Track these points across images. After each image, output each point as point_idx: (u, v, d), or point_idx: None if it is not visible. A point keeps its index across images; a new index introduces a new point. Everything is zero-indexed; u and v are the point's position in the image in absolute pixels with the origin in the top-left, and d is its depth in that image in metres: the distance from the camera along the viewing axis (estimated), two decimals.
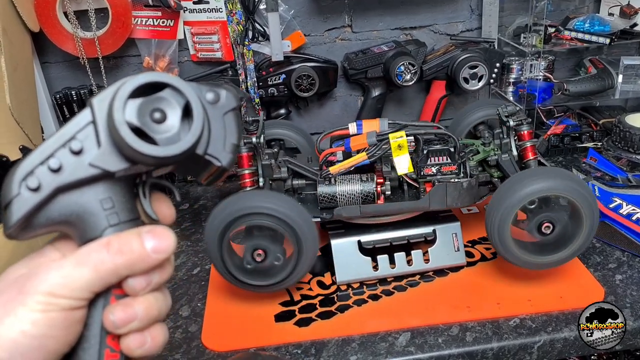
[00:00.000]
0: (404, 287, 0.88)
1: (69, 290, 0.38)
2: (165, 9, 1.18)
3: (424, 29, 1.34)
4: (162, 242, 0.40)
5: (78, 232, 0.40)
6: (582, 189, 0.77)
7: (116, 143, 0.39)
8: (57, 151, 0.38)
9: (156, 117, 0.39)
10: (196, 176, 0.45)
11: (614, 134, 1.18)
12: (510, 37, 1.31)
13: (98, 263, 0.38)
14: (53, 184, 0.38)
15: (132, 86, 0.38)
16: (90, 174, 0.39)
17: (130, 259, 0.39)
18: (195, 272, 0.97)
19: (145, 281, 0.40)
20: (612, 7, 1.31)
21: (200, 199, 1.23)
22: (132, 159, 0.39)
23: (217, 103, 0.42)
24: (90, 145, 0.39)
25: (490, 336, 0.78)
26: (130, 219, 0.41)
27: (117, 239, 0.39)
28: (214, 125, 0.41)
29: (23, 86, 1.08)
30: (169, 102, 0.39)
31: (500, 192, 0.79)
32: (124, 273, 0.39)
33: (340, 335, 0.80)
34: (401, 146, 0.86)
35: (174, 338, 0.82)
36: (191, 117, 0.39)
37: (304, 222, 0.79)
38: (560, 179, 0.77)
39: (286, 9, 1.25)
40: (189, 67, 1.29)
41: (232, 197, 0.80)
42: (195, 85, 0.40)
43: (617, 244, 0.94)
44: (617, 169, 1.09)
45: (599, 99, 1.28)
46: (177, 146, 0.39)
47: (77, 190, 0.39)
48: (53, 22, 1.15)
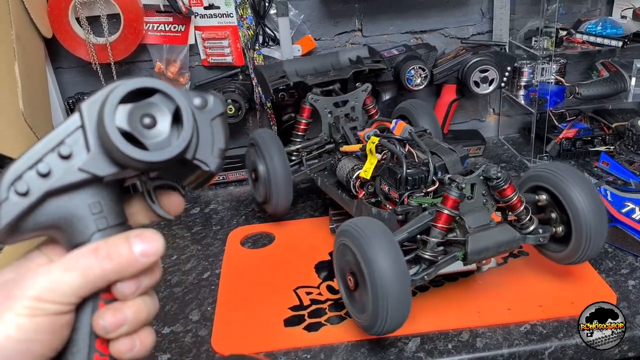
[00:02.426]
0: (414, 292, 0.88)
1: (57, 295, 0.38)
2: (176, 15, 1.19)
3: (435, 32, 1.34)
4: (150, 246, 0.40)
5: (66, 236, 0.41)
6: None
7: (106, 148, 0.39)
8: (46, 156, 0.38)
9: (146, 122, 0.39)
10: (182, 180, 0.45)
11: (627, 137, 1.17)
12: (521, 41, 1.30)
13: (86, 268, 0.38)
14: (42, 189, 0.38)
15: (123, 92, 0.38)
16: (80, 178, 0.39)
17: (118, 263, 0.39)
18: (205, 277, 0.98)
19: (135, 285, 0.40)
20: (625, 10, 1.29)
21: (211, 202, 1.24)
22: (122, 163, 0.39)
23: (205, 108, 0.42)
24: (79, 149, 0.39)
25: (500, 342, 0.77)
26: (119, 222, 0.42)
27: (105, 244, 0.39)
28: (202, 131, 0.42)
29: (36, 92, 1.09)
30: (159, 107, 0.39)
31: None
32: (113, 278, 0.40)
33: (349, 340, 0.80)
34: (371, 151, 0.89)
35: (183, 342, 0.83)
36: (181, 123, 0.40)
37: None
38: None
39: (296, 13, 1.25)
40: (200, 72, 1.30)
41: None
42: (183, 90, 0.41)
43: (629, 249, 0.93)
44: (629, 173, 1.08)
45: (612, 102, 1.27)
46: (167, 151, 0.39)
47: (66, 195, 0.39)
48: (66, 28, 1.16)
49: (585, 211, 0.77)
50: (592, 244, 0.78)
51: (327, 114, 1.12)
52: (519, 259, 0.93)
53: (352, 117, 1.13)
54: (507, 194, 0.78)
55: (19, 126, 0.99)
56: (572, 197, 0.77)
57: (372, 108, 1.18)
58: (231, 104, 1.21)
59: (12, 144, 0.99)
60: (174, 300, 0.92)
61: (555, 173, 0.80)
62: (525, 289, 0.86)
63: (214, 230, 1.12)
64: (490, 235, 0.77)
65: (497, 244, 0.77)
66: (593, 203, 0.77)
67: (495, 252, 0.78)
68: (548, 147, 1.26)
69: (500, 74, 1.21)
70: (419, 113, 1.10)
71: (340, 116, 1.13)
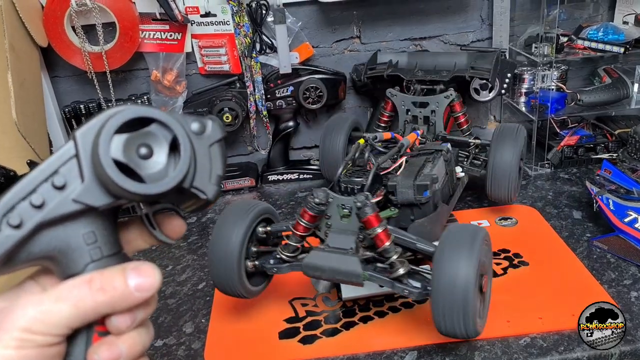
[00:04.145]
0: (411, 304, 0.86)
1: (46, 327, 0.37)
2: (172, 23, 1.19)
3: (434, 39, 1.33)
4: (146, 280, 0.39)
5: (60, 267, 0.39)
6: None
7: (100, 178, 0.38)
8: (39, 186, 0.37)
9: (142, 152, 0.38)
10: (179, 205, 0.44)
11: (630, 144, 1.15)
12: (521, 47, 1.29)
13: (78, 300, 0.37)
14: (35, 221, 0.37)
15: (119, 122, 0.37)
16: (74, 209, 0.38)
17: (112, 296, 0.38)
18: (200, 287, 0.96)
19: (130, 319, 0.39)
20: (627, 16, 1.28)
21: (208, 212, 1.22)
22: (117, 195, 0.38)
23: (203, 134, 0.41)
24: (74, 179, 0.38)
25: (499, 356, 0.75)
26: (114, 252, 0.41)
27: (100, 275, 0.38)
28: (200, 157, 0.40)
29: (30, 101, 1.08)
30: (155, 137, 0.38)
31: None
32: (105, 311, 0.38)
33: (345, 354, 0.78)
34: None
35: (176, 356, 0.81)
36: (178, 152, 0.38)
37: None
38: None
39: (294, 20, 1.24)
40: (197, 80, 1.29)
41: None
42: (180, 116, 0.39)
43: (632, 259, 0.91)
44: (632, 181, 1.06)
45: (615, 109, 1.25)
46: (164, 183, 0.38)
47: (60, 226, 0.38)
48: (61, 37, 1.15)
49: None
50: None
51: (405, 111, 1.12)
52: (519, 270, 0.92)
53: (431, 121, 1.12)
54: (370, 225, 0.74)
55: (12, 136, 0.98)
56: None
57: (461, 116, 1.13)
58: (228, 112, 1.20)
59: (7, 153, 0.98)
60: (167, 311, 0.91)
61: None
62: (524, 300, 0.84)
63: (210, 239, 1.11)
64: (329, 258, 0.76)
65: (331, 270, 0.76)
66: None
67: (331, 277, 0.77)
68: (549, 154, 1.24)
69: (501, 80, 1.20)
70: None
71: (419, 117, 1.12)
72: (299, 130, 1.35)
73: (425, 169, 0.91)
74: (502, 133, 1.03)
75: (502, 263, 0.93)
